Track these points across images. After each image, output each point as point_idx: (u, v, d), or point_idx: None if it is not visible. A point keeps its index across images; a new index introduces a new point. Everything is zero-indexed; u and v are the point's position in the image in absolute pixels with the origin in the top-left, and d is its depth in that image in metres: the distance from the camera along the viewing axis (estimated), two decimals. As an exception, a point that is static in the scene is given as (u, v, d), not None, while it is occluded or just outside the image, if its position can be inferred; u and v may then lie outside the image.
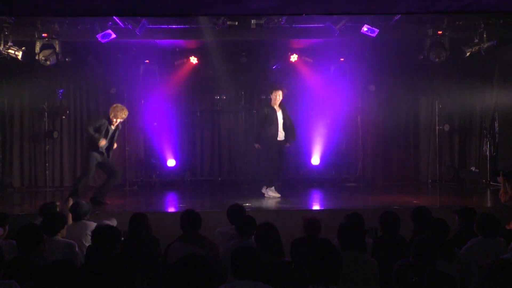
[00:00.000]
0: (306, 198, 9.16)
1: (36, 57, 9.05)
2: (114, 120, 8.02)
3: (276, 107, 8.63)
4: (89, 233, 5.36)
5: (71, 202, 5.99)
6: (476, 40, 9.37)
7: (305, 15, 8.48)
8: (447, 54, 9.28)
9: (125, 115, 8.10)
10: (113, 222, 5.88)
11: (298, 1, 5.30)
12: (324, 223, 5.11)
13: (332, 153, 11.27)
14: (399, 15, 8.68)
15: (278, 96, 8.59)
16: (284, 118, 8.65)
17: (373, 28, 8.83)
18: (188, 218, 4.84)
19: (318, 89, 10.98)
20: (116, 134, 8.23)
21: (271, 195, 8.54)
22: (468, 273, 4.42)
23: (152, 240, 5.04)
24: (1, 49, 8.91)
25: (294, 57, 10.59)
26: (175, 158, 11.02)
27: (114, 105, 8.18)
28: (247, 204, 7.71)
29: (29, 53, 9.12)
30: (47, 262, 4.00)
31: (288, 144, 8.72)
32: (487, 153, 10.95)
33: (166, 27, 9.34)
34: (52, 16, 8.55)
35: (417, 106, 11.47)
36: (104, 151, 8.07)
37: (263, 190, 8.63)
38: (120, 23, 8.82)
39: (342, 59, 10.67)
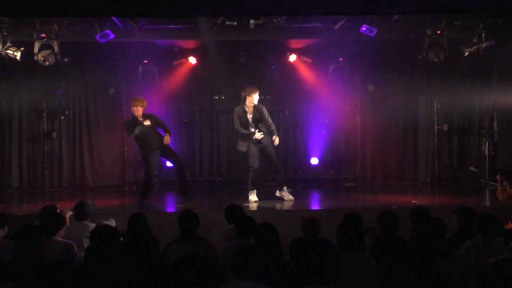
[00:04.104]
0: (305, 198, 9.15)
1: (35, 58, 9.01)
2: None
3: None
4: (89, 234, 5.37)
5: None
6: (475, 40, 9.37)
7: (304, 15, 8.49)
8: (446, 54, 9.27)
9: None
10: (112, 223, 5.89)
11: (297, 1, 5.29)
12: (323, 223, 5.10)
13: (331, 153, 11.27)
14: (398, 15, 8.69)
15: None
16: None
17: (372, 28, 8.83)
18: (186, 219, 4.83)
19: (317, 89, 10.97)
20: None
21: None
22: (467, 273, 4.42)
23: (151, 241, 5.03)
24: (0, 49, 8.89)
25: (292, 57, 10.58)
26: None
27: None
28: (246, 204, 7.70)
29: (28, 54, 9.10)
30: (46, 263, 4.00)
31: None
32: (486, 152, 10.94)
33: (164, 27, 9.34)
34: (50, 17, 8.54)
35: (415, 106, 11.46)
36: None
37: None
38: (118, 23, 8.80)
39: (341, 59, 10.69)
